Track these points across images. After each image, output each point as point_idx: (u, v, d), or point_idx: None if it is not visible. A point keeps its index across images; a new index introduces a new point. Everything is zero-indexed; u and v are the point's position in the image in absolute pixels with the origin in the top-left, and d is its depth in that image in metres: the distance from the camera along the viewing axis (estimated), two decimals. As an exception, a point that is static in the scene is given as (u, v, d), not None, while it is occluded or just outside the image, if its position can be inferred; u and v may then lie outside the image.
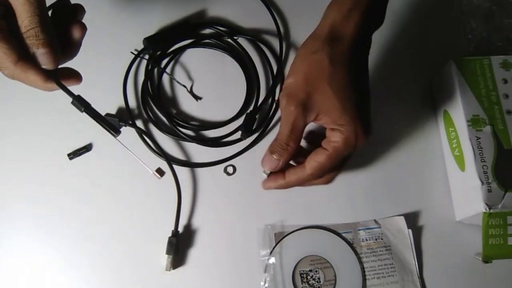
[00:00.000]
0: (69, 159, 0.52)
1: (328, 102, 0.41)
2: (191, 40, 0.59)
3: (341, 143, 0.41)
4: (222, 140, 0.55)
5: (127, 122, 0.54)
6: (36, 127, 0.54)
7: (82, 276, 0.49)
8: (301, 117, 0.41)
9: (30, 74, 0.36)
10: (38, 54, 0.35)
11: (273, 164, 0.44)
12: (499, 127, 0.50)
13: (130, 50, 0.57)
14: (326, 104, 0.41)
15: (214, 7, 0.61)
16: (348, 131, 0.40)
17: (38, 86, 0.37)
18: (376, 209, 0.53)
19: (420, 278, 0.50)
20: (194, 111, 0.56)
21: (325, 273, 0.50)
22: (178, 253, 0.49)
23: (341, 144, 0.41)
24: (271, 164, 0.44)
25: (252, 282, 0.49)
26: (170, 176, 0.51)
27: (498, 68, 0.53)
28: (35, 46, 0.35)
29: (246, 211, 0.52)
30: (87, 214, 0.50)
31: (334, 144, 0.41)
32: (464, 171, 0.50)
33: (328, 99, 0.41)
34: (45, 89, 0.38)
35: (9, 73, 0.36)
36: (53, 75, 0.37)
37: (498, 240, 0.47)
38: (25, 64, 0.35)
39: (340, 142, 0.41)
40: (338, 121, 0.41)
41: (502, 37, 0.61)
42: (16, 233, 0.50)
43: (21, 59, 0.35)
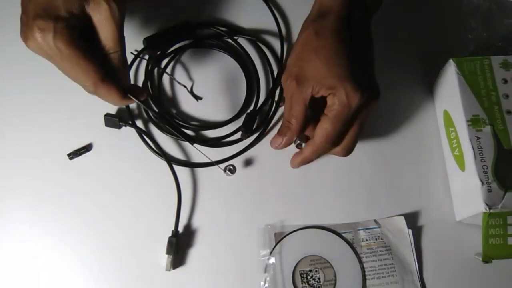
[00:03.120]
0: (69, 159, 0.52)
1: (317, 71, 0.44)
2: (191, 40, 0.59)
3: (336, 104, 0.43)
4: (222, 140, 0.55)
5: (127, 122, 0.54)
6: (36, 127, 0.54)
7: (82, 276, 0.49)
8: (297, 91, 0.45)
9: (113, 92, 0.39)
10: (121, 73, 0.39)
11: (277, 142, 0.49)
12: (499, 127, 0.50)
13: (130, 50, 0.57)
14: (316, 72, 0.44)
15: (214, 7, 0.61)
16: (339, 91, 0.43)
17: (117, 102, 0.40)
18: (376, 209, 0.53)
19: (420, 278, 0.50)
20: (194, 111, 0.56)
21: (325, 273, 0.50)
22: (178, 253, 0.49)
23: (336, 106, 0.43)
24: (275, 142, 0.49)
25: (252, 282, 0.49)
26: (170, 176, 0.51)
27: (498, 68, 0.53)
28: (122, 66, 0.39)
29: (246, 211, 0.52)
30: (87, 214, 0.50)
31: (331, 107, 0.44)
32: (464, 171, 0.50)
33: (316, 68, 0.44)
34: (123, 104, 0.42)
35: (92, 90, 0.39)
36: (130, 90, 0.40)
37: (498, 240, 0.47)
38: (109, 84, 0.38)
39: (335, 105, 0.43)
40: (329, 85, 0.43)
41: (502, 37, 0.61)
42: (15, 233, 0.50)
43: (106, 78, 0.38)
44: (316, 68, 0.44)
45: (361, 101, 0.43)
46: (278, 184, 0.53)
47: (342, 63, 0.43)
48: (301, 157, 0.49)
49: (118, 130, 0.54)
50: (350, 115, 0.44)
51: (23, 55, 0.57)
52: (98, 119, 0.53)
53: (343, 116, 0.44)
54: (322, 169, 0.54)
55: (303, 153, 0.49)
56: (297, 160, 0.50)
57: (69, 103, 0.55)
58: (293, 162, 0.51)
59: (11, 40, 0.57)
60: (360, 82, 0.43)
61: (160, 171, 0.52)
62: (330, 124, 0.44)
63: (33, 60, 0.57)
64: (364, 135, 0.55)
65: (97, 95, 0.39)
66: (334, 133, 0.45)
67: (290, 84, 0.45)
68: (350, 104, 0.43)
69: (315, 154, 0.48)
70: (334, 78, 0.43)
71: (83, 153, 0.53)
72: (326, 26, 0.44)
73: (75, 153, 0.52)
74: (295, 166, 0.51)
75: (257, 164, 0.54)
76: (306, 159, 0.49)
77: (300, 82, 0.44)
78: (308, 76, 0.44)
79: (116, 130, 0.54)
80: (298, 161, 0.50)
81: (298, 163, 0.50)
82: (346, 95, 0.43)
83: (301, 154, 0.49)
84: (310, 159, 0.49)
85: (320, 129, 0.45)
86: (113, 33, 0.38)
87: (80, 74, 0.37)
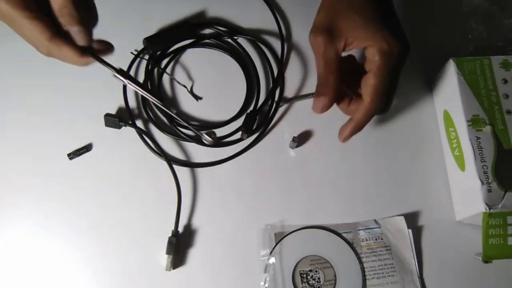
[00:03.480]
0: (69, 159, 0.52)
1: (351, 22, 0.42)
2: (191, 40, 0.59)
3: (378, 55, 0.41)
4: (222, 140, 0.55)
5: (127, 122, 0.54)
6: (36, 127, 0.54)
7: (82, 276, 0.49)
8: (330, 45, 0.42)
9: (64, 50, 0.37)
10: (72, 32, 0.37)
11: (321, 104, 0.44)
12: (499, 127, 0.50)
13: (130, 50, 0.57)
14: (350, 23, 0.42)
15: (214, 7, 0.61)
16: (379, 41, 0.41)
17: (74, 61, 0.38)
18: (376, 209, 0.53)
19: (420, 278, 0.50)
20: (194, 111, 0.56)
21: (325, 273, 0.50)
22: (178, 253, 0.49)
23: (378, 57, 0.41)
24: (319, 105, 0.44)
25: (252, 282, 0.49)
26: (170, 176, 0.51)
27: (498, 68, 0.53)
28: (69, 24, 0.36)
29: (246, 211, 0.52)
30: (87, 214, 0.50)
31: (372, 60, 0.42)
32: (464, 171, 0.50)
33: (350, 20, 0.42)
34: (81, 63, 0.39)
35: (45, 51, 0.37)
36: (89, 49, 0.38)
37: (498, 240, 0.47)
38: (59, 40, 0.36)
39: (376, 55, 0.41)
40: (366, 36, 0.41)
41: (502, 37, 0.61)
42: (15, 232, 0.50)
43: (54, 36, 0.36)
44: (350, 19, 0.42)
45: (401, 49, 0.42)
46: (278, 184, 0.53)
47: (376, 15, 0.42)
48: (352, 124, 0.45)
49: (118, 130, 0.54)
50: (393, 65, 0.42)
51: (23, 55, 0.57)
52: (98, 119, 0.53)
53: (387, 66, 0.42)
54: (322, 169, 0.54)
55: (354, 120, 0.45)
56: (348, 129, 0.46)
57: (69, 103, 0.55)
58: (342, 133, 0.47)
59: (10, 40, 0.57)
60: (395, 32, 0.42)
61: (160, 171, 0.52)
62: (375, 78, 0.42)
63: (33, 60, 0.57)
64: (364, 135, 0.55)
65: (52, 55, 0.38)
66: (382, 87, 0.42)
67: (322, 38, 0.42)
68: (393, 52, 0.41)
69: (368, 116, 0.44)
70: (371, 28, 0.41)
71: (83, 153, 0.53)
72: None
73: (75, 153, 0.52)
74: (346, 138, 0.47)
75: (257, 164, 0.54)
76: (359, 124, 0.45)
77: (332, 35, 0.42)
78: (341, 27, 0.42)
79: (116, 130, 0.54)
80: (349, 130, 0.46)
81: (349, 132, 0.46)
82: (387, 43, 0.41)
83: (351, 122, 0.45)
84: (363, 123, 0.45)
85: (366, 87, 0.43)
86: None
87: (27, 34, 0.36)
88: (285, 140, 0.55)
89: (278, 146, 0.55)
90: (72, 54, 0.37)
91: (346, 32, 0.42)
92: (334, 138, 0.54)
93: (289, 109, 0.57)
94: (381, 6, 0.43)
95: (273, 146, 0.55)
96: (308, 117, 0.55)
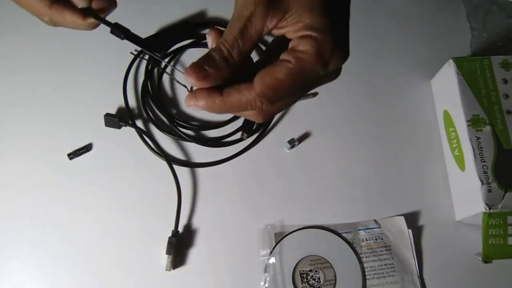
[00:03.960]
0: (69, 159, 0.52)
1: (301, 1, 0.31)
2: (191, 40, 0.59)
3: (313, 52, 0.30)
4: (222, 140, 0.55)
5: (127, 122, 0.54)
6: (37, 127, 0.54)
7: (82, 276, 0.49)
8: (262, 14, 0.31)
9: (66, 14, 0.36)
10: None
11: (199, 75, 0.31)
12: (499, 127, 0.50)
13: (130, 51, 0.57)
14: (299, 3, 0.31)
15: (214, 7, 0.61)
16: (324, 37, 0.30)
17: (78, 25, 0.37)
18: (376, 209, 0.53)
19: (420, 278, 0.50)
20: (194, 111, 0.56)
21: (325, 273, 0.50)
22: (178, 253, 0.49)
23: (311, 54, 0.30)
24: (197, 75, 0.31)
25: (252, 282, 0.49)
26: (170, 176, 0.51)
27: (498, 68, 0.53)
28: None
29: (246, 211, 0.52)
30: (87, 214, 0.50)
31: (301, 54, 0.30)
32: (464, 171, 0.50)
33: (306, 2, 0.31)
34: (86, 27, 0.37)
35: (48, 19, 0.37)
36: (89, 11, 0.38)
37: (498, 240, 0.47)
38: (59, 6, 0.36)
39: (310, 51, 0.30)
40: (313, 25, 0.30)
41: (502, 37, 0.61)
42: (15, 232, 0.50)
43: (54, 3, 0.36)
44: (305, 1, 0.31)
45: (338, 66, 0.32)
46: (278, 184, 0.53)
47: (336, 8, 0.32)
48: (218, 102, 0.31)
49: (118, 130, 0.54)
50: (317, 76, 0.31)
51: (23, 55, 0.57)
52: (98, 119, 0.53)
53: (312, 71, 0.31)
54: (322, 169, 0.54)
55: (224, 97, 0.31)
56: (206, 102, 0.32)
57: (69, 103, 0.55)
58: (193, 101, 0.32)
59: (11, 40, 0.57)
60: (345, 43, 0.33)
61: (160, 171, 0.52)
62: (287, 75, 0.30)
63: (33, 59, 0.57)
64: (364, 135, 0.56)
65: (55, 23, 0.37)
66: (286, 89, 0.31)
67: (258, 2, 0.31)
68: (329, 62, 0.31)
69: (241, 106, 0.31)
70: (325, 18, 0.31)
71: (83, 153, 0.53)
72: None
73: (75, 153, 0.52)
74: (192, 106, 0.32)
75: (257, 164, 0.54)
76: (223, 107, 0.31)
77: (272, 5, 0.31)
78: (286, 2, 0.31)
79: (116, 130, 0.54)
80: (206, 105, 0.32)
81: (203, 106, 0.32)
82: (331, 48, 0.30)
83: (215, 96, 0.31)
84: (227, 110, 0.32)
85: (268, 77, 0.31)
86: None
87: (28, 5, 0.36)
88: (285, 140, 0.55)
89: (278, 146, 0.55)
90: (74, 19, 0.37)
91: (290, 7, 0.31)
92: (334, 138, 0.54)
93: (289, 109, 0.57)
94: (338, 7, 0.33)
95: (273, 146, 0.55)
96: (308, 117, 0.55)
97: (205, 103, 0.31)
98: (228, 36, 0.32)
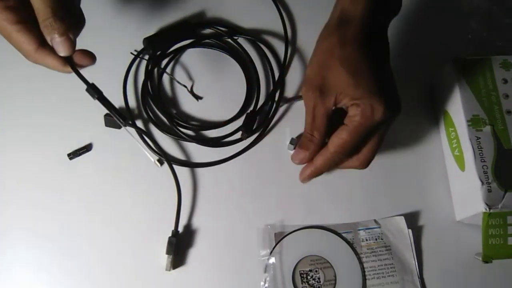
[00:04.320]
0: (69, 159, 0.52)
1: (342, 80, 0.41)
2: (191, 40, 0.59)
3: (359, 116, 0.41)
4: (222, 140, 0.55)
5: (127, 122, 0.54)
6: (36, 127, 0.54)
7: (82, 276, 0.49)
8: (320, 102, 0.42)
9: (49, 60, 0.39)
10: (54, 43, 0.38)
11: (300, 156, 0.45)
12: (499, 127, 0.50)
13: (130, 51, 0.57)
14: (341, 82, 0.41)
15: (214, 7, 0.61)
16: (364, 103, 0.41)
17: (59, 70, 0.40)
18: (376, 209, 0.53)
19: (420, 278, 0.50)
20: (194, 111, 0.56)
21: (325, 273, 0.50)
22: (178, 253, 0.49)
23: (359, 118, 0.41)
24: (299, 157, 0.46)
25: (252, 282, 0.49)
26: (170, 176, 0.51)
27: (498, 68, 0.53)
28: (50, 35, 0.38)
29: (246, 211, 0.52)
30: (87, 214, 0.50)
31: (352, 118, 0.42)
32: (464, 171, 0.50)
33: (341, 77, 0.41)
34: (64, 72, 0.41)
35: (32, 59, 0.39)
36: (69, 61, 0.40)
37: (498, 240, 0.47)
38: (44, 51, 0.39)
39: (357, 116, 0.41)
40: (354, 96, 0.41)
41: (502, 37, 0.61)
42: (15, 232, 0.50)
43: (40, 47, 0.38)
44: (341, 77, 0.41)
45: (385, 116, 0.41)
46: (278, 184, 0.53)
47: (369, 75, 0.41)
48: (312, 168, 0.46)
49: (118, 130, 0.54)
50: (371, 129, 0.42)
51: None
52: (98, 119, 0.53)
53: (363, 128, 0.42)
54: (322, 169, 0.54)
55: (314, 164, 0.46)
56: (307, 172, 0.46)
57: (69, 103, 0.55)
58: (302, 174, 0.47)
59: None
60: (385, 96, 0.41)
61: (160, 171, 0.52)
62: (348, 134, 0.42)
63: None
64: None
65: (39, 63, 0.40)
66: (350, 144, 0.43)
67: (313, 95, 0.43)
68: (374, 118, 0.41)
69: (328, 165, 0.45)
70: (360, 88, 0.41)
71: (83, 153, 0.53)
72: (352, 34, 0.42)
73: (75, 153, 0.52)
74: (305, 180, 0.47)
75: (257, 164, 0.54)
76: (317, 170, 0.46)
77: (323, 92, 0.42)
78: (332, 86, 0.42)
79: (116, 130, 0.54)
80: (308, 173, 0.46)
81: (308, 175, 0.47)
82: (371, 107, 0.41)
83: (311, 166, 0.46)
84: (321, 170, 0.46)
85: (336, 138, 0.43)
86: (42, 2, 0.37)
87: (16, 45, 0.39)
88: (285, 140, 0.54)
89: (278, 146, 0.55)
90: (56, 64, 0.39)
91: (336, 90, 0.42)
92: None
93: (289, 109, 0.57)
94: (377, 69, 0.43)
95: (273, 146, 0.55)
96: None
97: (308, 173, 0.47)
98: (307, 125, 0.44)
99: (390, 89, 0.44)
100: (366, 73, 0.41)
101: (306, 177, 0.47)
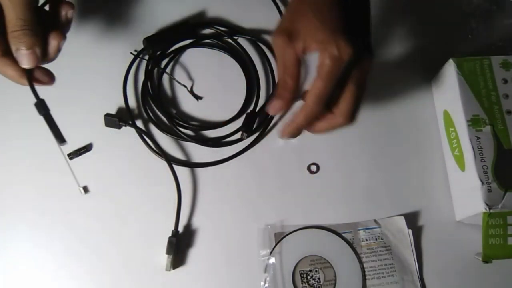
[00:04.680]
0: (69, 159, 0.52)
1: (309, 23, 0.41)
2: (191, 40, 0.59)
3: (327, 58, 0.39)
4: (222, 140, 0.55)
5: (127, 122, 0.54)
6: (36, 127, 0.53)
7: (82, 276, 0.49)
8: (289, 47, 0.41)
9: (8, 70, 0.40)
10: (18, 54, 0.39)
11: (276, 106, 0.44)
12: (499, 127, 0.50)
13: (130, 51, 0.57)
14: (308, 25, 0.41)
15: (214, 7, 0.61)
16: (331, 45, 0.39)
17: (14, 80, 0.41)
18: (376, 209, 0.53)
19: (420, 278, 0.50)
20: (194, 111, 0.56)
21: (325, 273, 0.50)
22: (178, 253, 0.49)
23: (328, 61, 0.39)
24: (273, 107, 0.44)
25: (252, 282, 0.49)
26: (170, 176, 0.51)
27: (498, 68, 0.53)
28: (16, 46, 0.38)
29: (246, 211, 0.52)
30: (87, 214, 0.50)
31: (322, 63, 0.40)
32: (464, 171, 0.50)
33: (308, 21, 0.41)
34: (19, 83, 0.41)
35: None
36: (27, 73, 0.40)
37: (498, 240, 0.47)
38: (7, 61, 0.39)
39: (326, 59, 0.39)
40: (320, 39, 0.40)
41: (502, 37, 0.61)
42: (15, 232, 0.50)
43: (3, 56, 0.39)
44: (308, 21, 0.41)
45: (353, 54, 0.40)
46: (278, 184, 0.53)
47: (336, 16, 0.41)
48: (293, 124, 0.44)
49: (118, 130, 0.54)
50: (341, 70, 0.40)
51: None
52: (98, 119, 0.53)
53: (334, 70, 0.40)
54: (322, 169, 0.54)
55: (294, 119, 0.44)
56: (288, 128, 0.45)
57: (69, 103, 0.55)
58: (283, 130, 0.45)
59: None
60: (353, 35, 0.40)
61: (160, 171, 0.52)
62: (321, 81, 0.40)
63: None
64: (364, 135, 0.56)
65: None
66: (325, 91, 0.41)
67: (281, 40, 0.41)
68: (342, 57, 0.39)
69: (307, 118, 0.43)
70: (326, 31, 0.40)
71: (83, 153, 0.53)
72: None
73: (75, 153, 0.52)
74: (285, 135, 0.45)
75: (257, 164, 0.54)
76: (297, 124, 0.44)
77: (291, 36, 0.41)
78: (300, 30, 0.41)
79: (116, 130, 0.54)
80: (289, 129, 0.45)
81: (289, 131, 0.45)
82: (337, 47, 0.39)
83: (292, 122, 0.44)
84: (301, 124, 0.44)
85: (311, 89, 0.41)
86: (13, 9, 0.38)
87: None
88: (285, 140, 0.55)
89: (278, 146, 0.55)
90: (14, 74, 0.40)
91: (304, 34, 0.41)
92: (334, 138, 0.54)
93: (289, 109, 0.57)
94: (346, 11, 0.42)
95: (273, 146, 0.55)
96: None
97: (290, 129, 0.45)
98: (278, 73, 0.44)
99: (359, 30, 0.43)
100: (334, 14, 0.41)
101: (287, 133, 0.45)
